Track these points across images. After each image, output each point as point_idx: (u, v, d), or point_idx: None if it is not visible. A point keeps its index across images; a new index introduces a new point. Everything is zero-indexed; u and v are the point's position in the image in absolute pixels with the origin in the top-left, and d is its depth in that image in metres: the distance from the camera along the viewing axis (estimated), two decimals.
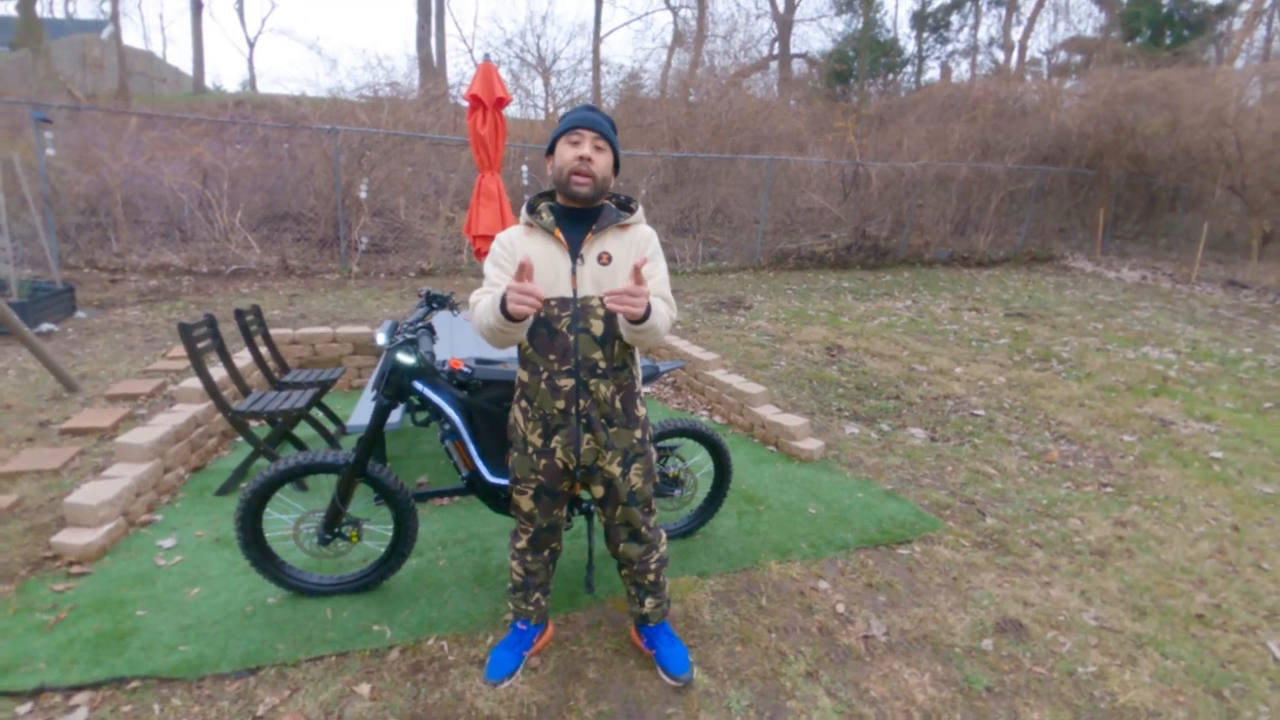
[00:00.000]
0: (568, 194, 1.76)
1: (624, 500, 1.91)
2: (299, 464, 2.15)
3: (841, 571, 2.77)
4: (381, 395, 2.13)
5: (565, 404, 1.78)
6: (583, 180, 1.72)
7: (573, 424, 1.80)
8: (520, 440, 1.89)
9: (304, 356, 5.15)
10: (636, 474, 1.90)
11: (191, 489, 3.41)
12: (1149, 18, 19.92)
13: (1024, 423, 4.97)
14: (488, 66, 3.81)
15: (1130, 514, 3.62)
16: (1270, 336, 8.66)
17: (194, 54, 23.52)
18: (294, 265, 8.02)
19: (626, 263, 1.76)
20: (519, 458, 1.91)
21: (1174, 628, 2.66)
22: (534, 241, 1.78)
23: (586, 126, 1.73)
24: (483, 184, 3.95)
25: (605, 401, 1.81)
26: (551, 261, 1.74)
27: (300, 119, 9.38)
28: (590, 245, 1.76)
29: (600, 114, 1.81)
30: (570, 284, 1.74)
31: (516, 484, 1.93)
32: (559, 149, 1.77)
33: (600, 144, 1.75)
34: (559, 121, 1.86)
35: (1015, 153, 12.36)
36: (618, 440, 1.86)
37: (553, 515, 1.95)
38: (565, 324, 1.74)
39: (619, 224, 1.79)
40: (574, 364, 1.76)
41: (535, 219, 1.79)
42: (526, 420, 1.86)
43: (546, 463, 1.85)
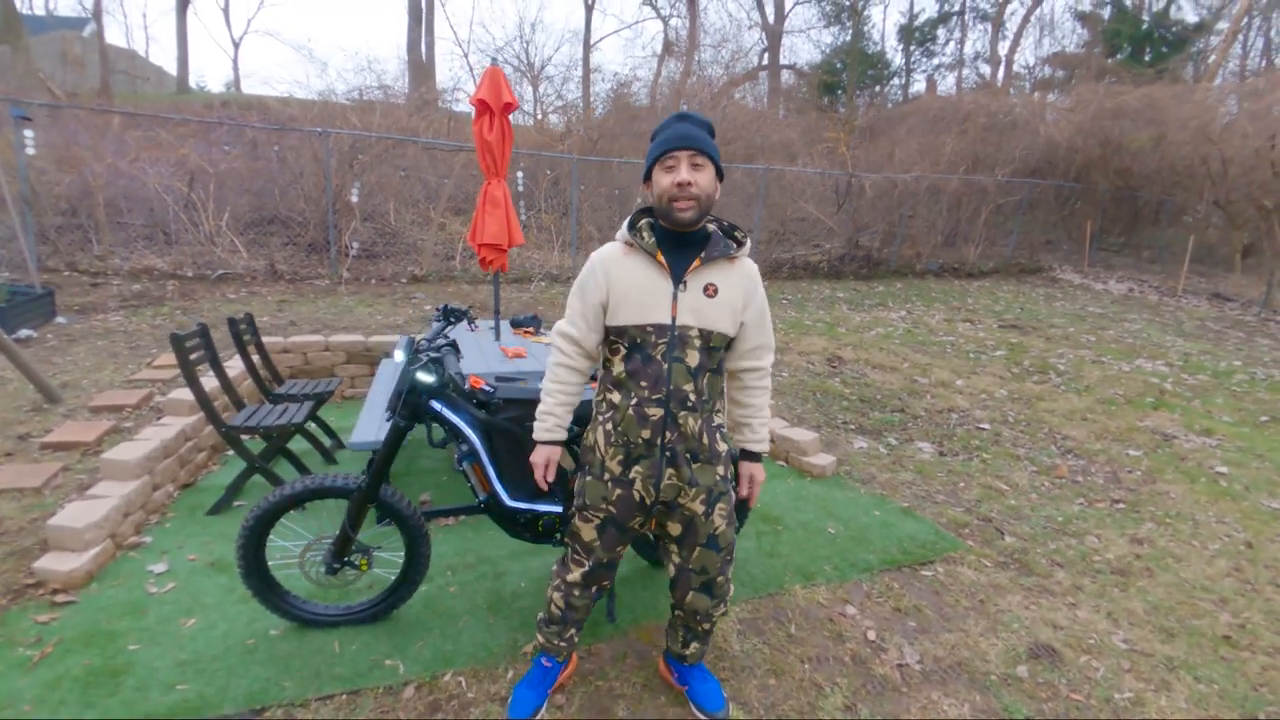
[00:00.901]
0: (671, 221, 1.64)
1: (703, 541, 1.76)
2: (307, 488, 2.02)
3: (868, 595, 2.68)
4: (398, 416, 2.00)
5: (651, 434, 1.67)
6: (685, 206, 1.60)
7: (656, 456, 1.68)
8: (597, 465, 1.76)
9: (295, 366, 4.98)
10: (720, 515, 1.76)
11: (181, 508, 3.25)
12: (1129, 35, 20.32)
13: (1030, 437, 4.93)
14: (495, 71, 3.71)
15: (1145, 531, 3.58)
16: (1257, 349, 8.77)
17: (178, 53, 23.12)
18: (282, 270, 7.82)
19: (732, 296, 1.67)
20: (592, 482, 1.77)
21: (1203, 650, 2.62)
22: (633, 264, 1.67)
23: (680, 147, 1.59)
24: (489, 191, 3.84)
25: (693, 435, 1.69)
26: (651, 285, 1.64)
27: (289, 121, 9.19)
28: (696, 274, 1.65)
29: (693, 122, 1.65)
30: (669, 310, 1.63)
31: (582, 510, 1.79)
32: (655, 176, 1.65)
33: (698, 160, 1.60)
34: (650, 141, 1.72)
35: (1005, 165, 12.48)
36: (702, 476, 1.72)
37: (614, 551, 1.81)
38: (660, 351, 1.64)
39: (728, 255, 1.68)
40: (665, 393, 1.65)
41: (636, 238, 1.67)
42: (608, 444, 1.73)
43: (622, 493, 1.72)
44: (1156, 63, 18.87)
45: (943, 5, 23.06)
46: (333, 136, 7.89)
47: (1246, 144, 10.83)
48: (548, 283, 8.97)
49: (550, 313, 7.45)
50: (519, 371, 3.28)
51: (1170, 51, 19.85)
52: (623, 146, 11.19)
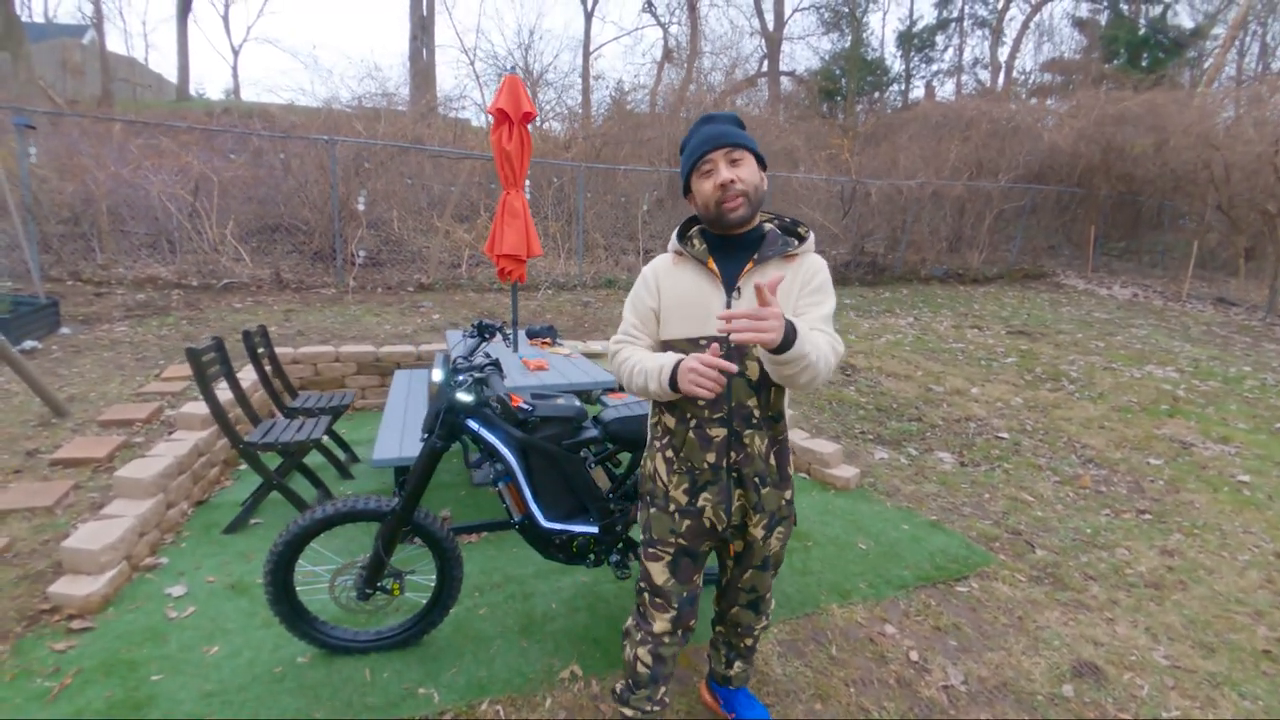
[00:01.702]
0: (724, 225, 1.52)
1: (757, 564, 1.69)
2: (339, 512, 1.95)
3: (905, 614, 2.62)
4: (435, 437, 1.93)
5: (716, 457, 1.55)
6: (735, 205, 1.48)
7: (723, 479, 1.57)
8: (661, 495, 1.63)
9: (305, 377, 4.92)
10: (778, 538, 1.67)
11: (196, 526, 3.18)
12: (1126, 41, 20.42)
13: (1049, 446, 4.89)
14: (514, 80, 3.66)
15: (1174, 542, 3.53)
16: (1265, 354, 8.75)
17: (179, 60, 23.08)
18: (288, 279, 7.76)
19: (786, 295, 1.53)
20: (658, 515, 1.64)
21: (1244, 665, 2.57)
22: (683, 274, 1.57)
23: (715, 147, 1.49)
24: (507, 201, 3.79)
25: (760, 456, 1.57)
26: (702, 295, 1.53)
27: (292, 128, 9.14)
28: (749, 276, 1.51)
29: (720, 121, 1.55)
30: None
31: (650, 547, 1.65)
32: (695, 184, 1.54)
33: (736, 155, 1.49)
34: (680, 154, 1.62)
35: (1008, 171, 12.49)
36: (768, 502, 1.61)
37: (693, 583, 1.66)
38: None
39: (785, 254, 1.53)
40: (727, 411, 1.53)
41: (686, 247, 1.56)
42: (671, 473, 1.61)
43: (691, 524, 1.60)
44: (1154, 68, 18.95)
45: (941, 11, 23.18)
46: (338, 144, 7.83)
47: (1249, 149, 10.84)
48: (554, 290, 8.91)
49: (558, 321, 7.40)
50: (542, 385, 3.22)
51: (1167, 57, 19.95)
52: (627, 154, 11.16)
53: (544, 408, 2.04)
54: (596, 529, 2.10)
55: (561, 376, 3.46)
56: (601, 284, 9.25)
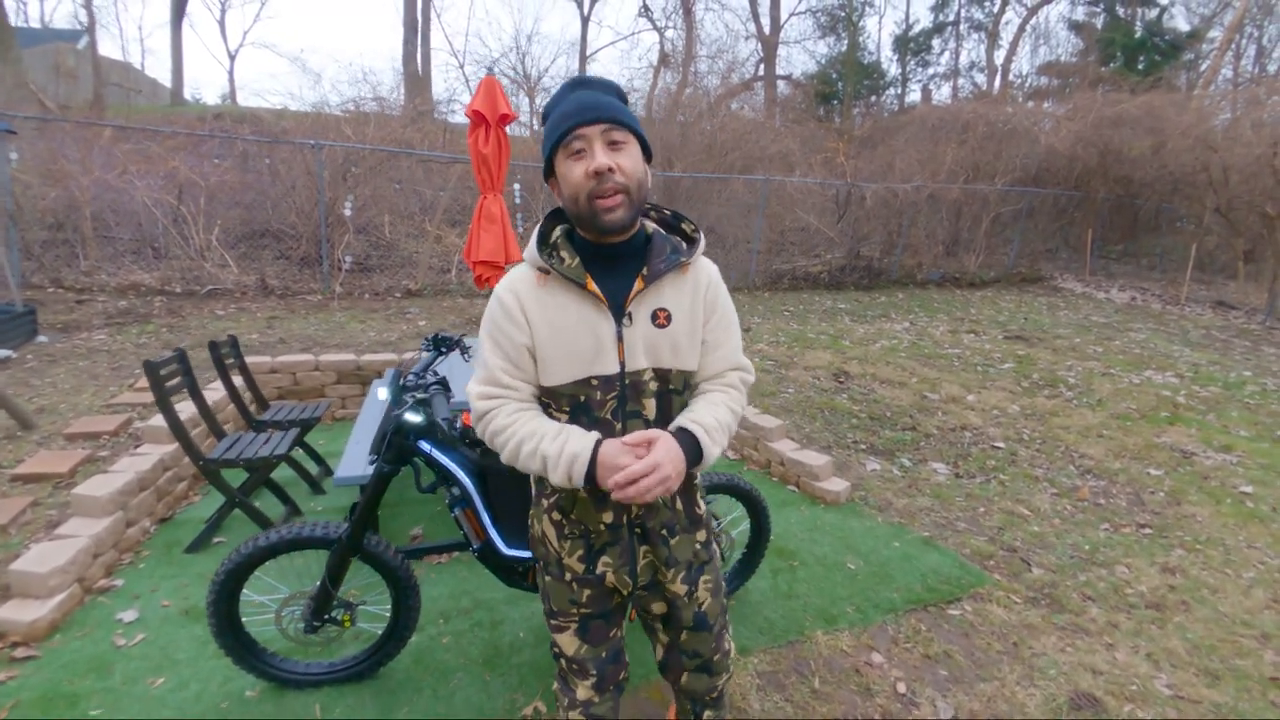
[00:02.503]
0: (596, 227, 1.19)
1: (690, 624, 1.44)
2: (283, 539, 1.83)
3: (894, 640, 2.49)
4: (383, 460, 1.81)
5: (613, 515, 1.31)
6: (613, 204, 1.16)
7: (624, 538, 1.33)
8: (554, 563, 1.39)
9: (284, 386, 4.79)
10: (705, 588, 1.43)
11: (158, 545, 3.05)
12: (1123, 44, 20.38)
13: (1046, 456, 4.77)
14: (491, 81, 3.55)
15: (1175, 559, 3.41)
16: (1265, 359, 8.63)
17: (173, 65, 23.01)
18: (273, 285, 7.64)
19: (690, 319, 1.28)
20: (553, 584, 1.40)
21: (1251, 694, 2.44)
22: (555, 297, 1.23)
23: (587, 121, 1.15)
24: (484, 206, 3.67)
25: (664, 505, 1.34)
26: (587, 326, 1.22)
27: (282, 133, 9.04)
28: (640, 299, 1.23)
29: (597, 88, 1.22)
30: (615, 354, 1.23)
31: (552, 618, 1.43)
32: (561, 167, 1.20)
33: (617, 136, 1.16)
34: (542, 120, 1.27)
35: (1005, 174, 12.39)
36: (680, 551, 1.38)
37: (610, 640, 1.44)
38: (610, 409, 1.25)
39: (677, 265, 1.25)
40: None
41: (553, 261, 1.22)
42: (561, 538, 1.36)
43: (593, 592, 1.38)
44: (1150, 71, 18.89)
45: (938, 15, 23.15)
46: (326, 149, 7.72)
47: (1248, 151, 10.75)
48: None
49: None
50: None
51: (1163, 60, 19.90)
52: None
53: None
54: None
55: None
56: None
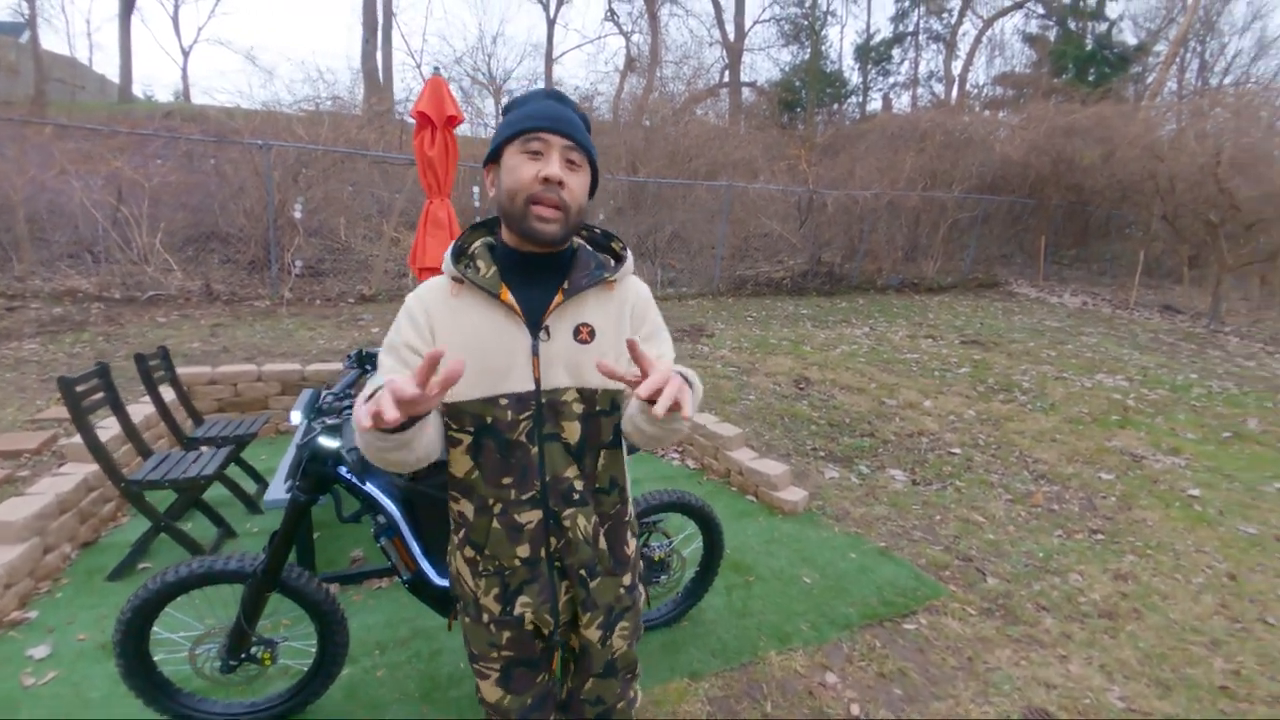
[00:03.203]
0: (523, 232, 1.14)
1: (599, 671, 1.35)
2: (193, 574, 1.68)
3: (848, 658, 2.44)
4: (298, 490, 1.68)
5: (530, 549, 1.21)
6: (549, 215, 1.12)
7: (544, 574, 1.23)
8: (470, 603, 1.28)
9: (224, 399, 4.57)
10: (621, 635, 1.34)
11: (78, 572, 2.84)
12: (1074, 56, 21.06)
13: (1001, 461, 4.81)
14: (437, 81, 3.42)
15: (1127, 565, 3.44)
16: (1210, 361, 8.94)
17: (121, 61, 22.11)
18: (219, 290, 7.34)
19: (615, 337, 1.20)
20: (471, 626, 1.30)
21: (1202, 704, 2.45)
22: (467, 308, 1.16)
23: (556, 130, 1.12)
24: (430, 211, 3.54)
25: (586, 541, 1.23)
26: (499, 338, 1.15)
27: (232, 132, 8.71)
28: (560, 313, 1.17)
29: (571, 105, 1.18)
30: (530, 371, 1.15)
31: (474, 661, 1.32)
32: (509, 159, 1.14)
33: (575, 158, 1.14)
34: (503, 113, 1.21)
35: (962, 182, 12.64)
36: (601, 595, 1.28)
37: (535, 686, 1.33)
38: (524, 431, 1.16)
39: (603, 280, 1.20)
40: (539, 488, 1.18)
41: (468, 271, 1.16)
42: (476, 576, 1.25)
43: (512, 634, 1.27)
44: (1100, 83, 19.54)
45: (897, 26, 23.61)
46: (275, 149, 7.46)
47: (1192, 160, 11.15)
48: None
49: None
50: None
51: (1113, 72, 20.62)
52: None
53: None
54: None
55: None
56: None
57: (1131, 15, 22.14)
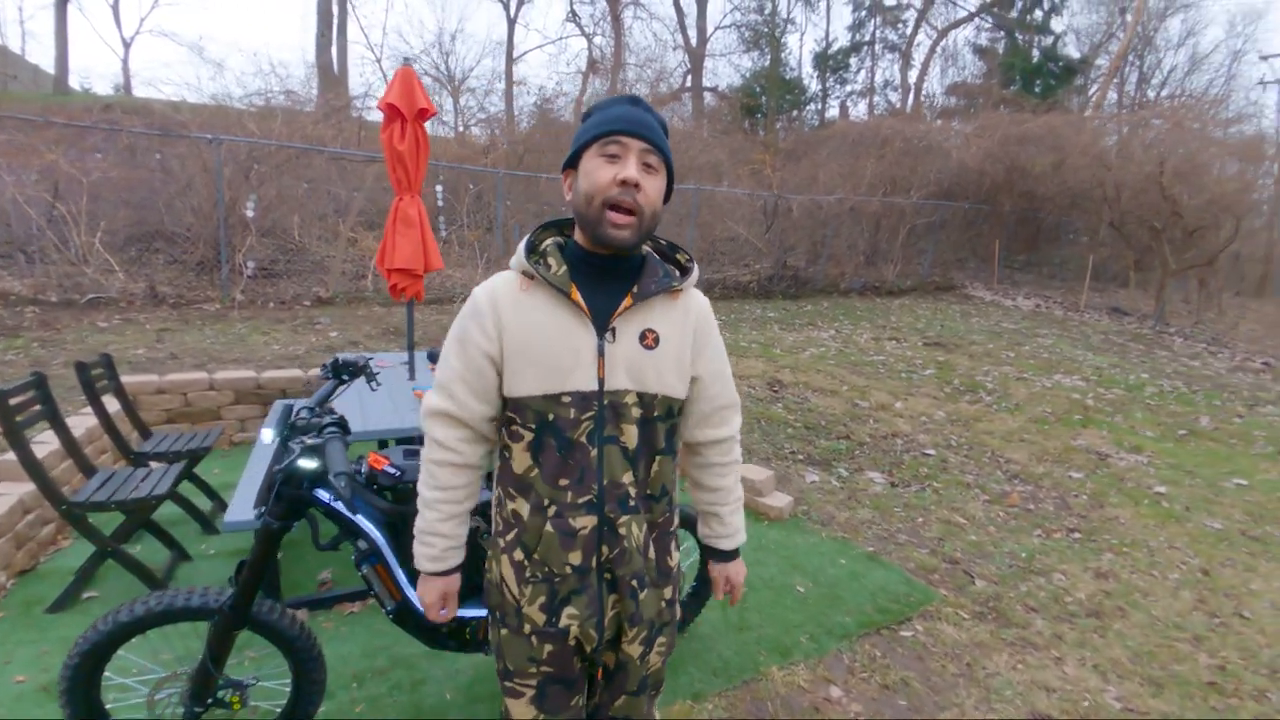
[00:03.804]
0: (597, 237, 1.13)
1: (633, 688, 1.29)
2: (150, 612, 1.49)
3: (850, 670, 2.37)
4: (270, 516, 1.51)
5: (582, 556, 1.16)
6: (624, 221, 1.11)
7: (593, 585, 1.18)
8: (511, 613, 1.21)
9: (173, 409, 4.27)
10: (658, 652, 1.29)
11: (14, 604, 2.57)
12: (1021, 68, 21.82)
13: (975, 462, 4.86)
14: (407, 72, 3.25)
15: (1106, 563, 3.49)
16: (1158, 361, 9.30)
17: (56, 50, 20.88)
18: (165, 293, 6.92)
19: (679, 345, 1.20)
20: (510, 639, 1.23)
21: (1193, 701, 2.48)
22: (536, 305, 1.15)
23: (634, 133, 1.10)
24: (400, 208, 3.35)
25: (638, 550, 1.19)
26: (566, 337, 1.14)
27: (178, 126, 8.26)
28: (627, 316, 1.16)
29: (650, 110, 1.16)
30: (594, 370, 1.14)
31: (507, 680, 1.25)
32: (587, 163, 1.13)
33: (652, 161, 1.13)
34: (583, 118, 1.20)
35: (920, 188, 12.92)
36: (647, 608, 1.22)
37: (569, 709, 1.26)
38: (585, 431, 1.14)
39: (669, 289, 1.19)
40: (596, 492, 1.15)
41: (540, 268, 1.15)
42: (522, 583, 1.19)
43: (555, 648, 1.20)
44: (1046, 94, 20.29)
45: (854, 35, 24.07)
46: (225, 144, 7.09)
47: (1139, 169, 11.62)
48: None
49: None
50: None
51: (1057, 84, 21.44)
52: (549, 162, 10.79)
53: (418, 469, 1.62)
54: None
55: None
56: None
57: (1075, 29, 23.02)
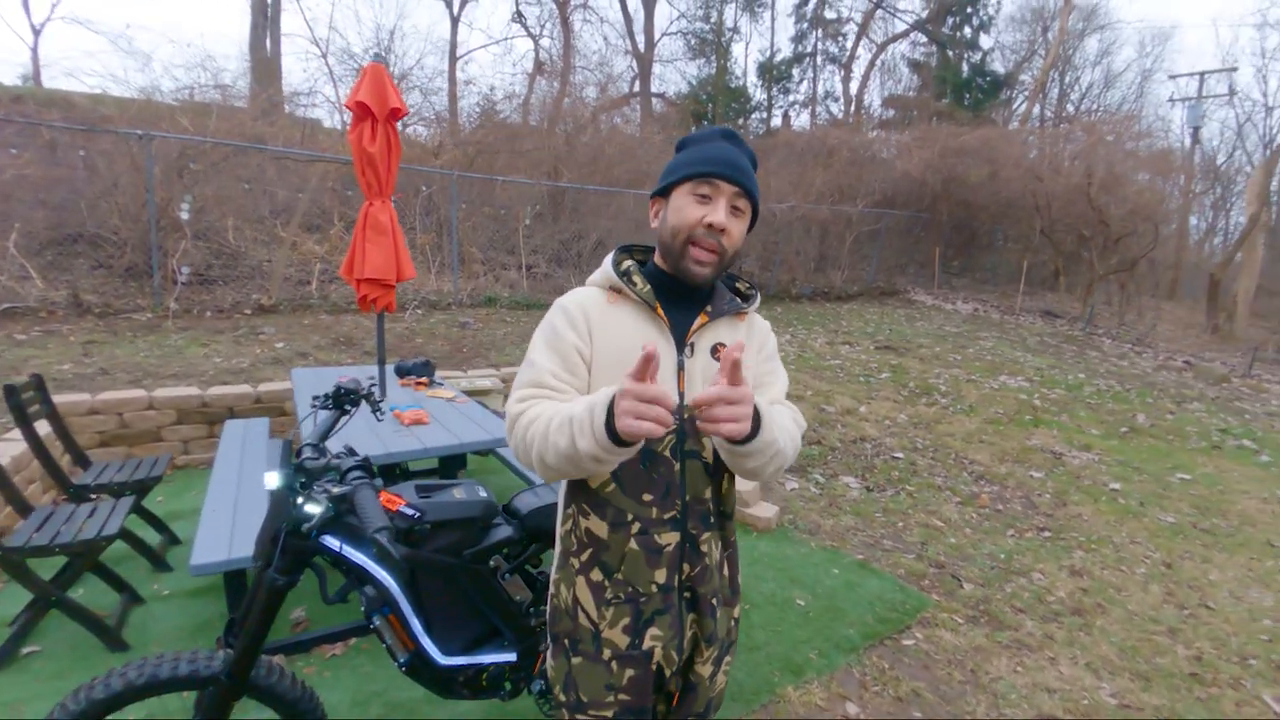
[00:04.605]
0: (678, 270, 1.16)
1: (700, 709, 1.25)
2: (130, 686, 1.25)
3: (863, 685, 2.34)
4: (276, 572, 1.33)
5: (667, 574, 1.13)
6: (706, 259, 1.13)
7: (675, 604, 1.15)
8: (588, 638, 1.16)
9: (108, 431, 3.90)
10: (724, 672, 1.28)
11: None
12: (953, 82, 22.83)
13: (942, 464, 4.96)
14: (378, 68, 3.06)
15: (1077, 560, 3.60)
16: (1091, 361, 9.82)
17: None
18: (90, 302, 6.37)
19: (746, 360, 1.20)
20: (585, 666, 1.16)
21: (1179, 693, 2.57)
22: (622, 317, 1.17)
23: (728, 177, 1.12)
24: (370, 214, 3.15)
25: (716, 567, 1.20)
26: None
27: (101, 121, 7.64)
28: (703, 332, 1.18)
29: (743, 151, 1.18)
30: (676, 385, 1.14)
31: (579, 712, 1.17)
32: (678, 199, 1.16)
33: (740, 204, 1.15)
34: (676, 149, 1.23)
35: (866, 197, 13.29)
36: (720, 626, 1.22)
37: None
38: (669, 445, 1.12)
39: (736, 312, 1.22)
40: (680, 508, 1.13)
41: (627, 284, 1.17)
42: (602, 605, 1.15)
43: (637, 673, 1.14)
44: (975, 107, 21.29)
45: (797, 46, 24.62)
46: (156, 141, 6.60)
47: (1067, 180, 12.28)
48: (425, 310, 8.10)
49: (430, 346, 6.66)
50: (424, 450, 2.59)
51: (985, 97, 22.53)
52: (504, 164, 10.55)
53: (436, 509, 1.47)
54: (514, 655, 1.58)
55: (449, 434, 2.74)
56: (480, 302, 8.56)
57: (1002, 46, 24.22)
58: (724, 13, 23.04)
